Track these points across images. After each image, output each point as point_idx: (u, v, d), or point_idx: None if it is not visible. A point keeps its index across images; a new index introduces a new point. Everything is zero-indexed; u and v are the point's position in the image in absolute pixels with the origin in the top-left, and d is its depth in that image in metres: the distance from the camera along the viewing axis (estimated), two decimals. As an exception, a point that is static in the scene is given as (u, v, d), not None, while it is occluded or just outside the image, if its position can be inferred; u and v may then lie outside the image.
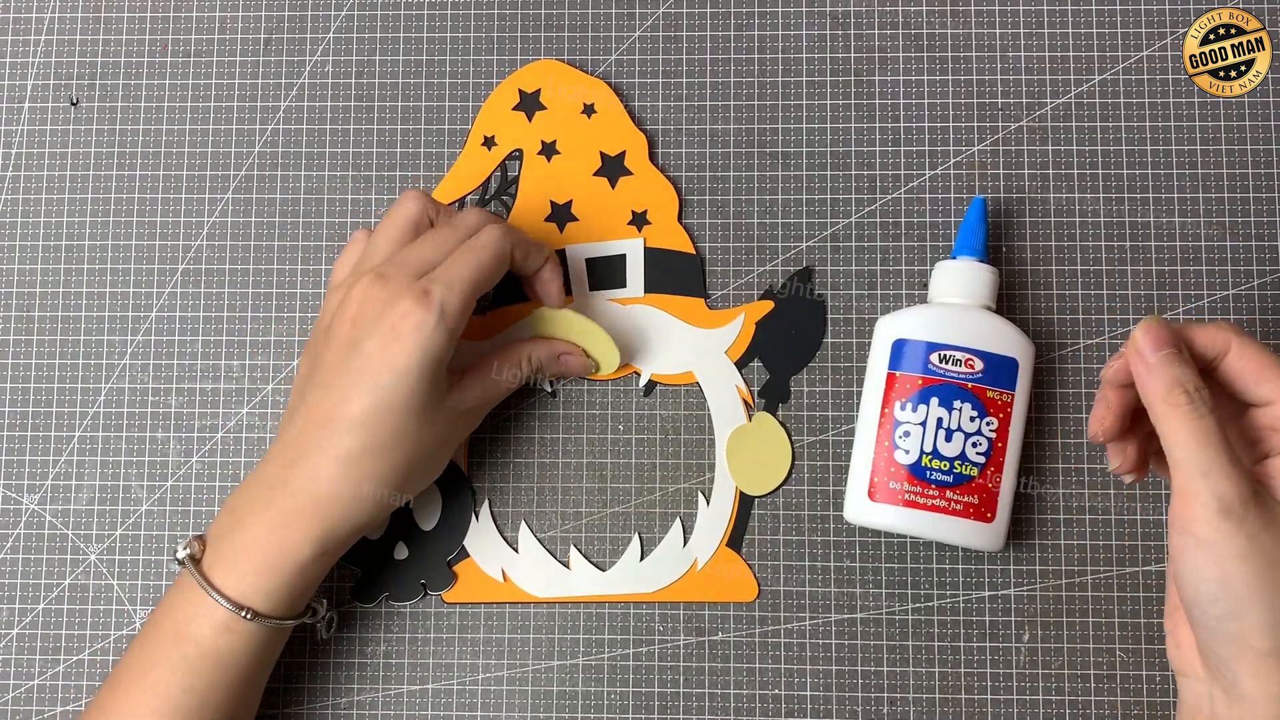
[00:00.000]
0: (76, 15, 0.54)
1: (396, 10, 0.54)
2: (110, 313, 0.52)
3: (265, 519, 0.43)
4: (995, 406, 0.45)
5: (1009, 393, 0.46)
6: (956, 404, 0.45)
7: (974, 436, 0.45)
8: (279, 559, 0.43)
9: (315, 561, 0.44)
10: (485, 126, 0.52)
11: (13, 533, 0.51)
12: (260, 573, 0.43)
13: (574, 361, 0.49)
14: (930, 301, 0.48)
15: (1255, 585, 0.36)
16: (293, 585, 0.43)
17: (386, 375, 0.42)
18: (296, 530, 0.43)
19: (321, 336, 0.45)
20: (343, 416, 0.42)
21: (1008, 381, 0.46)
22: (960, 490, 0.45)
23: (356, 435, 0.42)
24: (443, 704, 0.50)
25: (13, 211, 0.53)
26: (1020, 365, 0.46)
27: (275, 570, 0.43)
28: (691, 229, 0.52)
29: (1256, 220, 0.51)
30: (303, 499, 0.43)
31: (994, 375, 0.45)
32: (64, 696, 0.50)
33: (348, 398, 0.42)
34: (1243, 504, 0.36)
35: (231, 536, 0.43)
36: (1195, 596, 0.37)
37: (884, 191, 0.52)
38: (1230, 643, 0.37)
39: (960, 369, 0.45)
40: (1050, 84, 0.52)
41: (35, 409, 0.52)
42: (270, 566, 0.43)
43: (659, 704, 0.49)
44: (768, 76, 0.52)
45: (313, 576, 0.44)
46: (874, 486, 0.46)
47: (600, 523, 0.50)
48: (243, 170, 0.53)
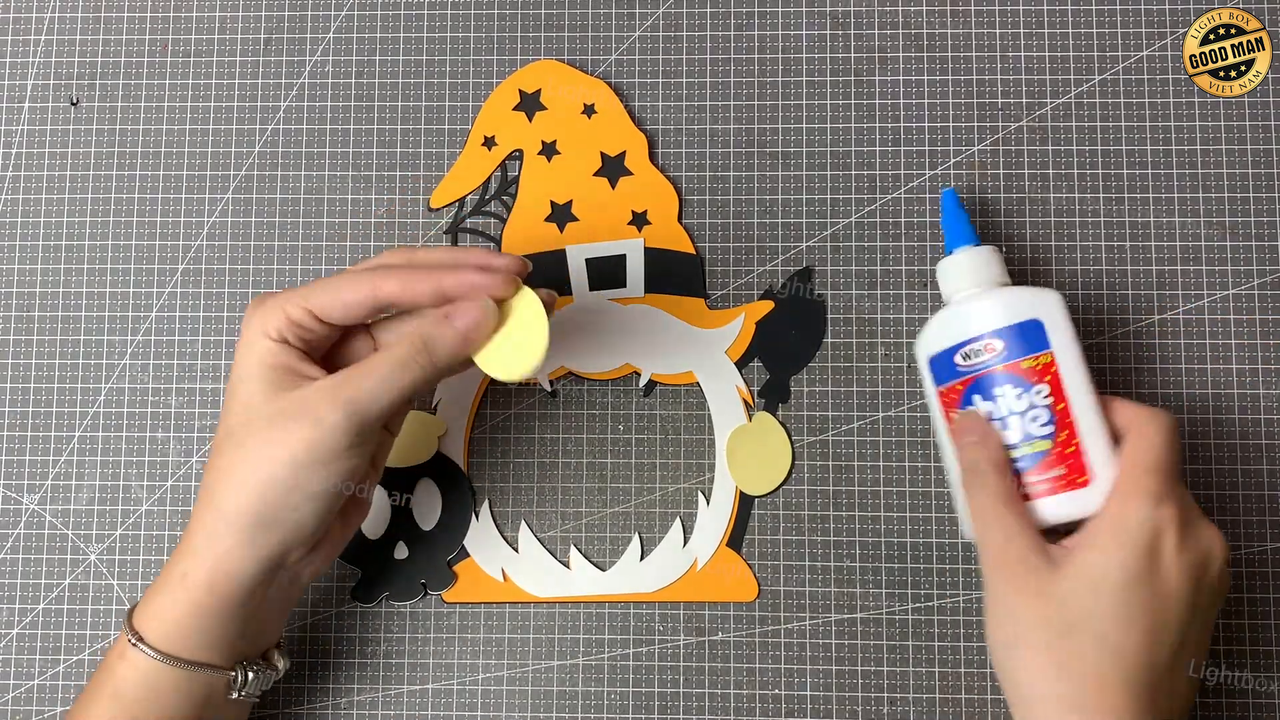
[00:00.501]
0: (76, 15, 0.54)
1: (396, 10, 0.54)
2: (110, 313, 0.52)
3: (181, 548, 0.42)
4: (1036, 373, 0.43)
5: (1045, 353, 0.43)
6: (997, 391, 0.43)
7: (1030, 412, 0.43)
8: (221, 580, 0.41)
9: (254, 580, 0.42)
10: (485, 126, 0.52)
11: (13, 533, 0.51)
12: (174, 611, 0.41)
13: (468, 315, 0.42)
14: (946, 304, 0.47)
15: (1008, 645, 0.41)
16: (223, 629, 0.42)
17: (239, 384, 0.42)
18: (218, 546, 0.41)
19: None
20: (220, 437, 0.42)
21: (1038, 343, 0.43)
22: (1043, 467, 0.43)
23: (230, 454, 0.41)
24: (443, 704, 0.50)
25: (13, 211, 0.53)
26: (1046, 321, 0.43)
27: (197, 616, 0.41)
28: (691, 229, 0.52)
29: (1256, 220, 0.51)
30: (208, 520, 0.41)
31: (1020, 345, 0.43)
32: (64, 697, 0.50)
33: (224, 418, 0.42)
34: (1021, 568, 0.41)
35: (153, 589, 0.42)
36: (991, 653, 0.42)
37: (884, 191, 0.52)
38: (1011, 698, 0.41)
39: (985, 357, 0.44)
40: (1050, 84, 0.52)
41: (35, 409, 0.52)
42: (201, 586, 0.41)
43: (659, 704, 0.49)
44: (768, 76, 0.52)
45: (240, 618, 0.42)
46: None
47: (600, 523, 0.50)
48: (243, 170, 0.53)
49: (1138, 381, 0.50)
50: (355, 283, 0.41)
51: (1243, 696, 0.48)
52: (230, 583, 0.41)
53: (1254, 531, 0.49)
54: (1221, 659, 0.49)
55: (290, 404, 0.40)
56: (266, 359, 0.41)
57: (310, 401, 0.40)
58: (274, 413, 0.40)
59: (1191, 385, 0.50)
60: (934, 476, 0.50)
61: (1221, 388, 0.50)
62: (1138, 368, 0.50)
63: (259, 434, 0.40)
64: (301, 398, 0.40)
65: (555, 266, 0.51)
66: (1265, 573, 0.49)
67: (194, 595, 0.41)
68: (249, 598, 0.42)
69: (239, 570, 0.41)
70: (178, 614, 0.41)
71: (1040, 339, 0.43)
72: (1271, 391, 0.50)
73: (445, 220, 0.52)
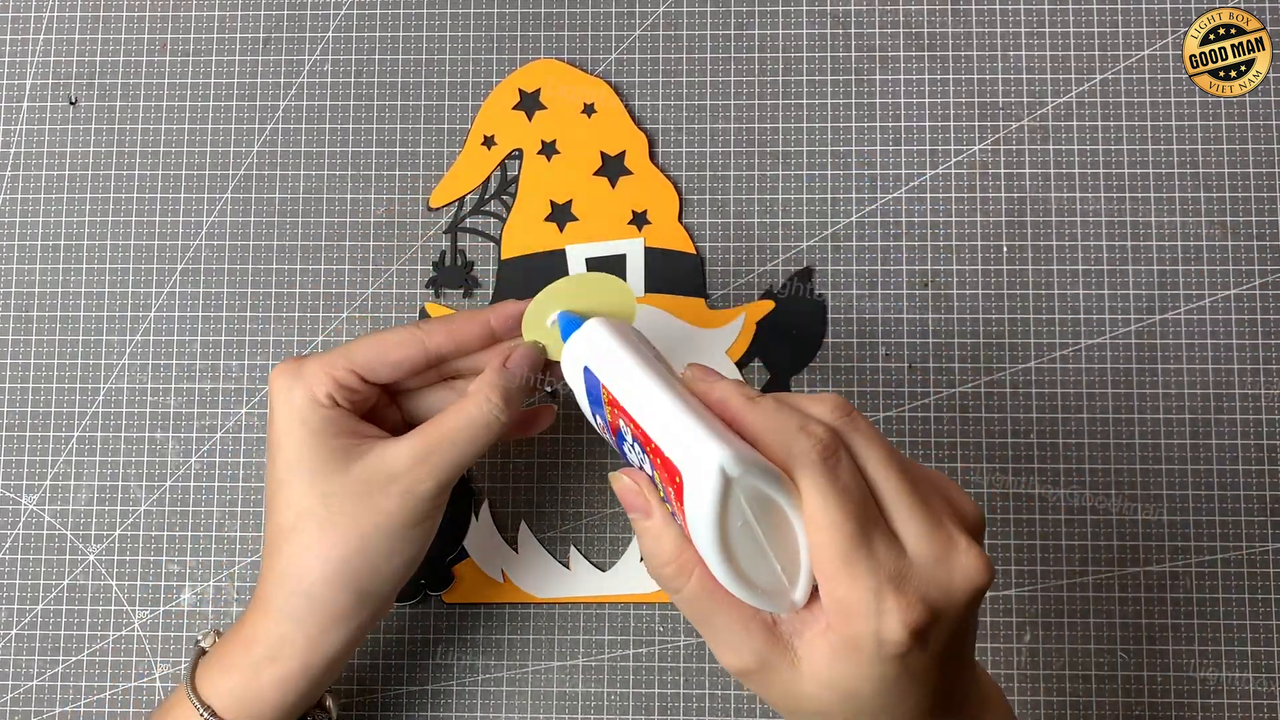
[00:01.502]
0: (76, 15, 0.54)
1: (396, 10, 0.54)
2: (110, 313, 0.52)
3: (244, 618, 0.41)
4: (615, 414, 0.37)
5: (602, 389, 0.37)
6: (626, 449, 0.38)
7: (638, 455, 0.37)
8: (260, 668, 0.40)
9: (301, 702, 0.41)
10: (485, 126, 0.52)
11: (12, 533, 0.51)
12: (236, 674, 0.40)
13: (521, 357, 0.42)
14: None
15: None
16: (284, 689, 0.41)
17: (270, 457, 0.40)
18: (266, 634, 0.40)
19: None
20: (273, 485, 0.41)
21: (594, 385, 0.38)
22: (673, 506, 0.35)
23: (277, 506, 0.40)
24: (443, 704, 0.49)
25: (13, 211, 0.53)
26: (589, 361, 0.38)
27: (257, 677, 0.40)
28: (691, 229, 0.52)
29: (1257, 220, 0.51)
30: (260, 605, 0.41)
31: (591, 398, 0.39)
32: (64, 697, 0.50)
33: (270, 469, 0.41)
34: (757, 668, 0.34)
35: (218, 650, 0.41)
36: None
37: (884, 191, 0.52)
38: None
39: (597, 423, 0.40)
40: (1050, 84, 0.52)
41: (35, 409, 0.52)
42: (250, 677, 0.40)
43: (659, 704, 0.49)
44: (768, 76, 0.52)
45: (301, 677, 0.41)
46: None
47: (600, 523, 0.50)
48: (242, 170, 0.53)
49: (1139, 382, 0.50)
50: (401, 339, 0.41)
51: (1243, 697, 0.48)
52: (325, 663, 0.41)
53: (1254, 531, 0.49)
54: (1222, 659, 0.48)
55: (375, 475, 0.39)
56: (328, 428, 0.40)
57: (398, 472, 0.39)
58: (358, 487, 0.39)
59: (1192, 385, 0.50)
60: (934, 476, 0.50)
61: (1221, 388, 0.50)
62: (1138, 368, 0.50)
63: (346, 510, 0.39)
64: (387, 469, 0.39)
65: (555, 266, 0.51)
66: (1265, 573, 0.49)
67: (286, 680, 0.40)
68: (338, 670, 0.42)
69: (334, 651, 0.40)
70: (261, 693, 0.40)
71: (593, 380, 0.38)
72: (1271, 391, 0.50)
73: (445, 220, 0.52)
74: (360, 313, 0.52)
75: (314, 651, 0.40)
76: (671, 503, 0.34)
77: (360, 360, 0.40)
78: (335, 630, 0.40)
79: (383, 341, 0.41)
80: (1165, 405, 0.50)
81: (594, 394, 0.38)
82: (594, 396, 0.38)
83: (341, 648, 0.41)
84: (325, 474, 0.39)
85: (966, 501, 0.35)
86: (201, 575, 0.51)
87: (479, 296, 0.52)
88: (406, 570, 0.41)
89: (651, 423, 0.34)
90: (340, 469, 0.39)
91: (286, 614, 0.40)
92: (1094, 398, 0.50)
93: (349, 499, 0.39)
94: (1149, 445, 0.50)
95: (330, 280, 0.52)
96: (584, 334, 0.38)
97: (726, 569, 0.33)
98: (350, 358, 0.40)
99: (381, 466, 0.39)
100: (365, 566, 0.39)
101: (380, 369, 0.41)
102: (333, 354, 0.41)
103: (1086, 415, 0.50)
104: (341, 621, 0.40)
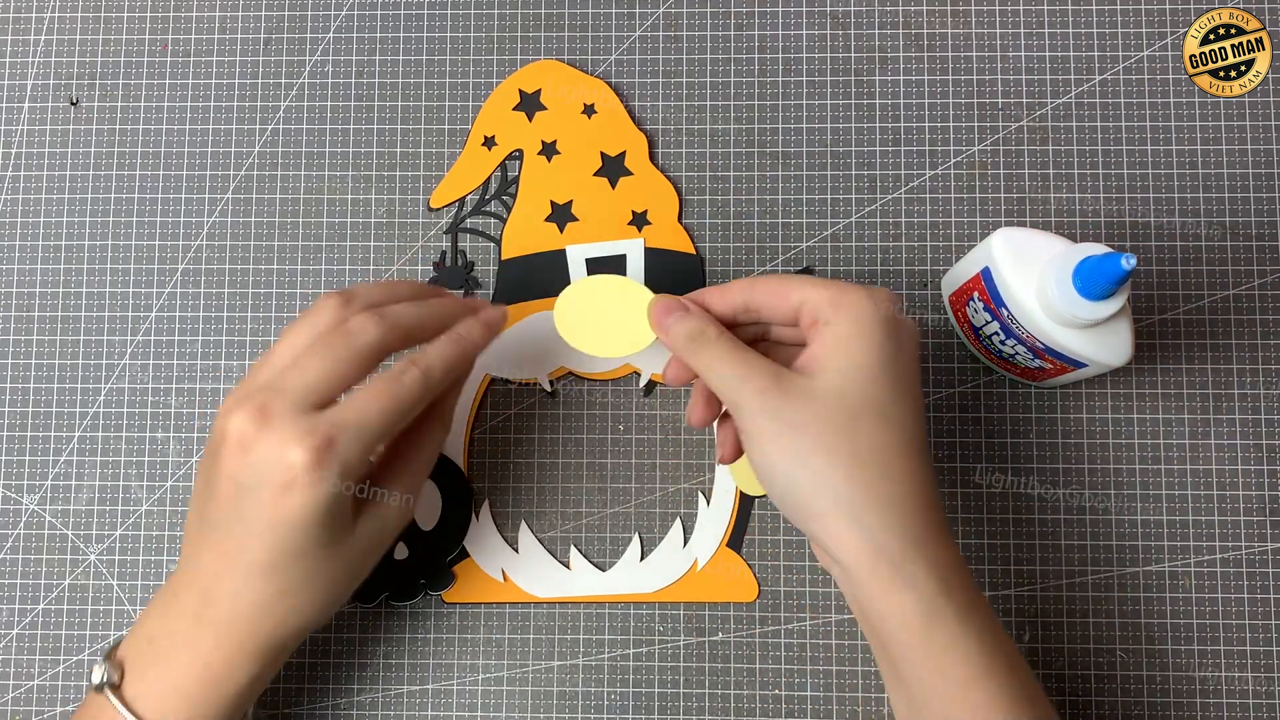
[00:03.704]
0: (76, 15, 0.54)
1: (396, 10, 0.54)
2: (110, 313, 0.52)
3: (191, 654, 0.40)
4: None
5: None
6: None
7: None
8: (213, 691, 0.40)
9: (249, 687, 0.41)
10: (485, 126, 0.52)
11: (13, 533, 0.51)
12: (194, 703, 0.40)
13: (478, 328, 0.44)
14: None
15: (793, 456, 0.39)
16: (228, 712, 0.41)
17: (284, 529, 0.38)
18: (228, 668, 0.40)
19: (210, 458, 0.40)
20: (247, 564, 0.39)
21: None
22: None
23: (272, 583, 0.39)
24: (443, 704, 0.50)
25: (13, 211, 0.53)
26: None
27: (209, 702, 0.40)
28: (691, 229, 0.52)
29: (1256, 220, 0.51)
30: (229, 640, 0.40)
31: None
32: (64, 697, 0.50)
33: (246, 546, 0.39)
34: (776, 386, 0.39)
35: (158, 669, 0.40)
36: (771, 489, 0.40)
37: (884, 191, 0.52)
38: (804, 518, 0.39)
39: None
40: (1050, 84, 0.52)
41: (35, 409, 0.52)
42: (204, 698, 0.40)
43: (659, 704, 0.49)
44: (768, 76, 0.52)
45: (248, 698, 0.42)
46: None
47: (600, 523, 0.50)
48: (243, 170, 0.53)
49: (1138, 382, 0.50)
50: (414, 396, 0.40)
51: (1242, 697, 0.48)
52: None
53: (1254, 531, 0.49)
54: (1221, 659, 0.49)
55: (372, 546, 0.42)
56: (335, 514, 0.39)
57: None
58: (356, 563, 0.42)
59: (1192, 385, 0.50)
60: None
61: (1221, 388, 0.50)
62: (1138, 368, 0.50)
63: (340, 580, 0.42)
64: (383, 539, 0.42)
65: (555, 266, 0.51)
66: (1265, 573, 0.49)
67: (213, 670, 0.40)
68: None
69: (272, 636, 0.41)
70: (189, 689, 0.40)
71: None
72: (1271, 391, 0.50)
73: (445, 220, 0.52)
74: (360, 313, 0.52)
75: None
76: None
77: (390, 430, 0.40)
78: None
79: (399, 404, 0.40)
80: (1165, 405, 0.50)
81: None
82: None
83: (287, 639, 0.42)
84: (306, 549, 0.39)
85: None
86: (202, 575, 0.51)
87: (479, 297, 0.52)
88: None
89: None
90: (320, 544, 0.40)
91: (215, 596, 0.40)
92: (1093, 397, 0.50)
93: (317, 559, 0.40)
94: (1149, 445, 0.50)
95: (331, 280, 0.52)
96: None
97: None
98: (384, 428, 0.39)
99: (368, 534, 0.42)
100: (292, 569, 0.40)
101: (377, 448, 0.41)
102: (371, 446, 0.39)
103: (1086, 415, 0.50)
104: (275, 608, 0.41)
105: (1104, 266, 0.39)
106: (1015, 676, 0.39)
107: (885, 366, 0.39)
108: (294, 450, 0.37)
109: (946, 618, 0.38)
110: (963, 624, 0.38)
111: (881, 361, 0.39)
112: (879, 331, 0.40)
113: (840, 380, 0.39)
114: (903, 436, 0.39)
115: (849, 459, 0.38)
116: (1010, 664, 0.39)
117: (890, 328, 0.40)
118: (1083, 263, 0.40)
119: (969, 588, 0.39)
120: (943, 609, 0.38)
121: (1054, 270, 0.41)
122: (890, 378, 0.39)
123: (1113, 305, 0.41)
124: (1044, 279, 0.42)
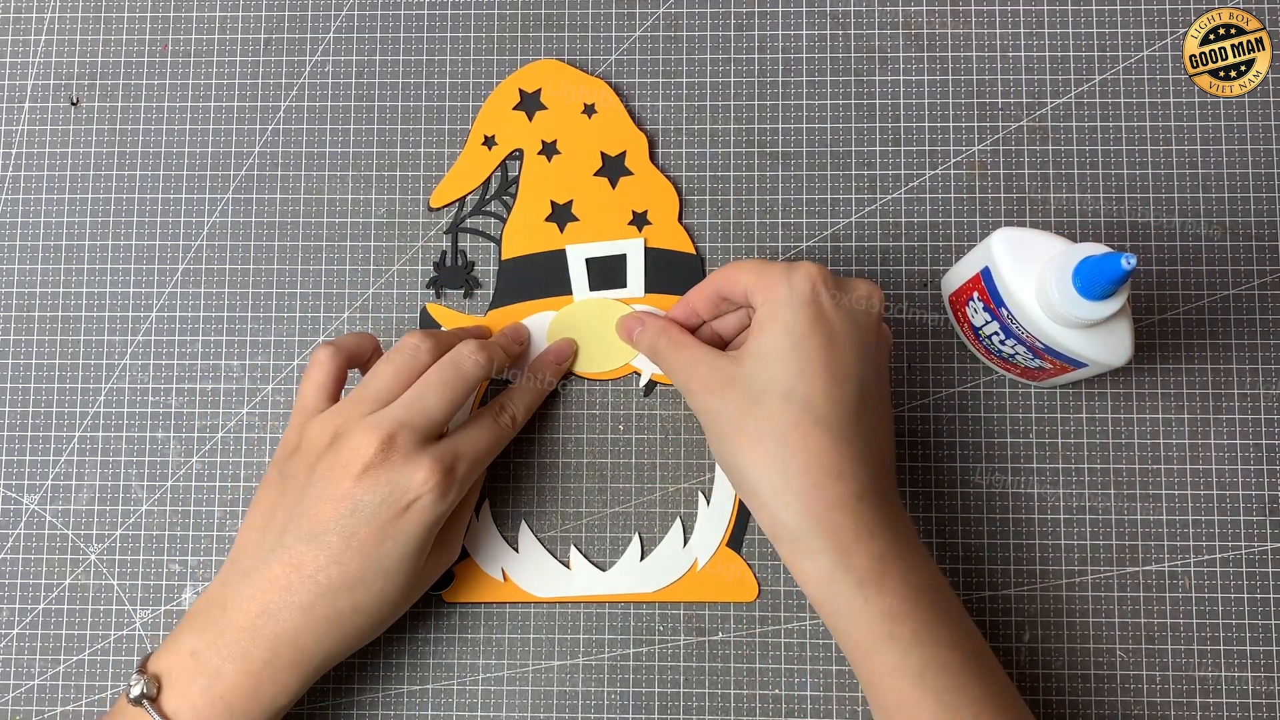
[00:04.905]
0: (76, 15, 0.54)
1: (396, 10, 0.54)
2: (110, 313, 0.52)
3: (241, 667, 0.41)
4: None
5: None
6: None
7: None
8: (254, 705, 0.41)
9: (289, 701, 0.42)
10: (486, 126, 0.52)
11: (13, 533, 0.51)
12: (235, 715, 0.41)
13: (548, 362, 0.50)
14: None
15: (719, 440, 0.42)
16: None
17: (391, 545, 0.42)
18: (275, 683, 0.41)
19: (301, 471, 0.43)
20: (333, 579, 0.41)
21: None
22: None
23: (350, 597, 0.41)
24: (443, 704, 0.50)
25: (13, 211, 0.53)
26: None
27: (249, 715, 0.41)
28: (691, 229, 0.52)
29: (1256, 220, 0.51)
30: (284, 654, 0.41)
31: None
32: (64, 696, 0.50)
33: (342, 560, 0.41)
34: (715, 376, 0.42)
35: (203, 681, 0.41)
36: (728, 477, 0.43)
37: (884, 191, 0.52)
38: (744, 493, 0.42)
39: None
40: (1050, 84, 0.52)
41: (35, 409, 0.52)
42: (245, 711, 0.41)
43: (659, 704, 0.49)
44: (768, 76, 0.52)
45: (284, 711, 0.43)
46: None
47: (600, 523, 0.50)
48: (243, 170, 0.53)
49: (1138, 382, 0.50)
50: (500, 438, 0.46)
51: (1242, 696, 0.48)
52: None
53: (1254, 531, 0.49)
54: (1221, 658, 0.49)
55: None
56: (434, 531, 0.44)
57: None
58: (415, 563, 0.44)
59: (1192, 385, 0.50)
60: (934, 477, 0.50)
61: (1221, 388, 0.50)
62: (1138, 368, 0.50)
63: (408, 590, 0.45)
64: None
65: (555, 266, 0.51)
66: (1265, 573, 0.49)
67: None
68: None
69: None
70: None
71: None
72: (1271, 391, 0.50)
73: (446, 220, 0.52)
74: (361, 313, 0.52)
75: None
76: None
77: (488, 463, 0.46)
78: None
79: (499, 442, 0.46)
80: (1165, 405, 0.50)
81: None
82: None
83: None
84: (408, 577, 0.44)
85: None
86: (202, 575, 0.51)
87: (479, 297, 0.52)
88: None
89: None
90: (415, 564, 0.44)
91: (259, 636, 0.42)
92: (1093, 397, 0.50)
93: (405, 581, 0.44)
94: (1149, 445, 0.50)
95: (331, 280, 0.52)
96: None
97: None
98: (487, 461, 0.46)
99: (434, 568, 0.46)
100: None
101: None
102: (479, 468, 0.45)
103: (1086, 415, 0.50)
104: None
105: (1104, 266, 0.39)
106: (921, 647, 0.40)
107: (794, 346, 0.41)
108: (421, 473, 0.42)
109: (847, 585, 0.40)
110: (862, 590, 0.40)
111: (791, 342, 0.41)
112: (787, 312, 0.41)
113: (751, 363, 0.42)
114: (806, 415, 0.40)
115: (751, 441, 0.41)
116: (918, 629, 0.40)
117: (805, 307, 0.41)
118: (1083, 263, 0.40)
119: (876, 555, 0.40)
120: (841, 579, 0.40)
121: (1054, 270, 0.41)
122: (798, 357, 0.41)
123: (1112, 305, 0.41)
124: (1044, 279, 0.42)
